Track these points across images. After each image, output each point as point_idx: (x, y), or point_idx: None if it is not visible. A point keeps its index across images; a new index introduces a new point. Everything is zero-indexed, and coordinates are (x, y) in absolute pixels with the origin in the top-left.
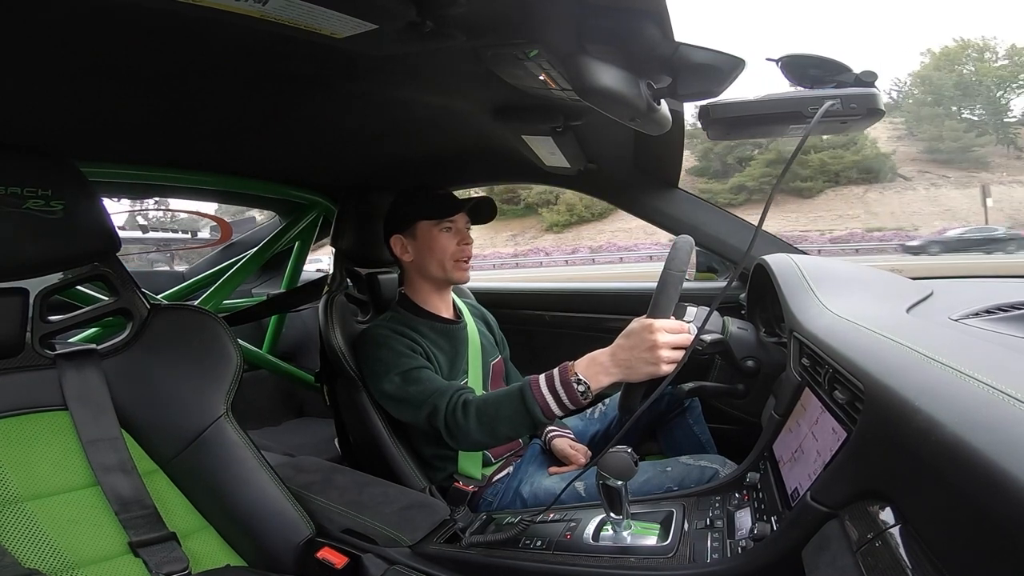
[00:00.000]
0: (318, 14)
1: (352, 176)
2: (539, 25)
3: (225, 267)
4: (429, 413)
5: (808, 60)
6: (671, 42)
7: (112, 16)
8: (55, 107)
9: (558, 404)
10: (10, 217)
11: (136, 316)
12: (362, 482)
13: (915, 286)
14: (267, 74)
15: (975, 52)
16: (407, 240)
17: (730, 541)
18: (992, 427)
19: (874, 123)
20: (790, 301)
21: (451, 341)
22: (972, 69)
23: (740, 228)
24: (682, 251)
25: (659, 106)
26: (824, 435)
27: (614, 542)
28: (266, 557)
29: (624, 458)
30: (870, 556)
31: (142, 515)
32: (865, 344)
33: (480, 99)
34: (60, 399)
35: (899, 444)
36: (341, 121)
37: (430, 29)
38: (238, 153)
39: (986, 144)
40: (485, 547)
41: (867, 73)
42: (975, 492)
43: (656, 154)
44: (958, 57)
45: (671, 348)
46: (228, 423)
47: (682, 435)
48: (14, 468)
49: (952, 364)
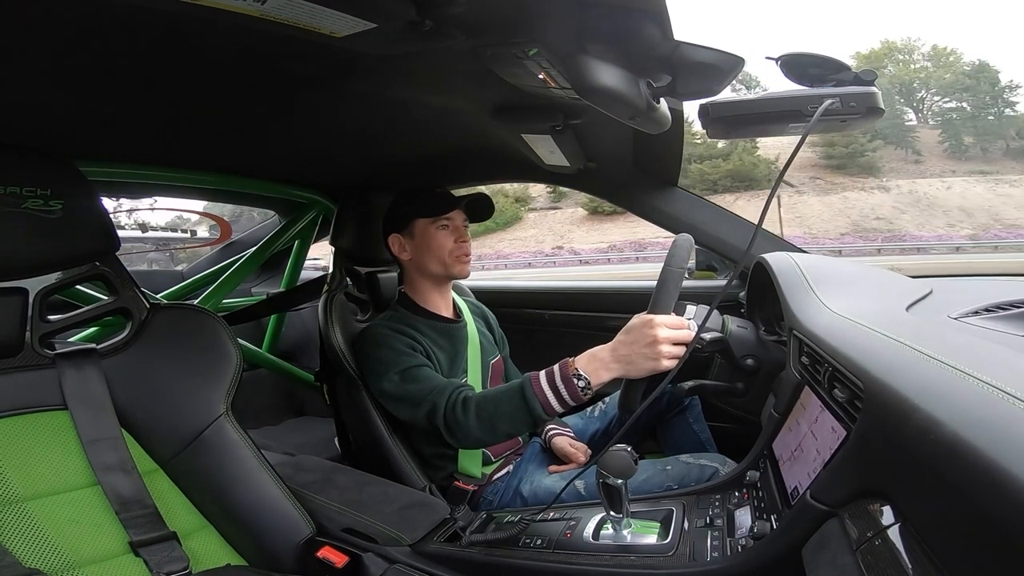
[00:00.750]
0: (317, 13)
1: (352, 175)
2: (538, 24)
3: (224, 266)
4: (428, 411)
5: (807, 59)
6: (670, 41)
7: (111, 16)
8: (55, 107)
9: (558, 400)
10: (9, 217)
11: (135, 315)
12: (362, 481)
13: (914, 285)
14: (266, 74)
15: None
16: (405, 239)
17: (730, 540)
18: (991, 425)
19: (874, 121)
20: (790, 300)
21: (451, 340)
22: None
23: (739, 227)
24: (682, 249)
25: (658, 105)
26: (824, 434)
27: (614, 541)
28: (266, 556)
29: (624, 457)
30: (870, 555)
31: (142, 515)
32: (864, 342)
33: (479, 98)
34: (60, 399)
35: (898, 443)
36: (340, 120)
37: (429, 28)
38: (238, 152)
39: (877, 148)
40: (485, 546)
41: (866, 72)
42: (974, 491)
43: (655, 153)
44: (881, 60)
45: (672, 344)
46: (228, 422)
47: (682, 434)
48: (14, 468)
49: (951, 362)
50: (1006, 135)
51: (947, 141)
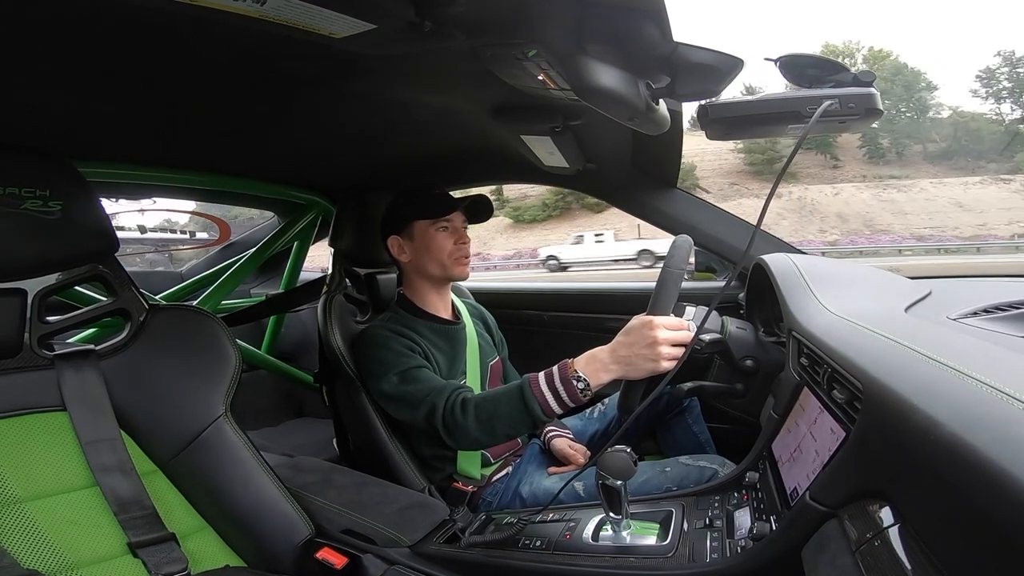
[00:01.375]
0: (316, 14)
1: (351, 176)
2: (538, 25)
3: (224, 267)
4: (427, 412)
5: (806, 60)
6: (670, 42)
7: (111, 16)
8: (54, 107)
9: (558, 401)
10: (8, 217)
11: (134, 316)
12: (361, 482)
13: (913, 285)
14: (266, 74)
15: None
16: (404, 241)
17: (729, 541)
18: (991, 426)
19: (872, 123)
20: (789, 301)
21: (450, 342)
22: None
23: (738, 228)
24: (681, 250)
25: (658, 106)
26: (823, 435)
27: (613, 542)
28: (265, 557)
29: (623, 458)
30: (869, 555)
31: (141, 516)
32: (863, 343)
33: (479, 99)
34: (59, 400)
35: (898, 443)
36: (340, 121)
37: (429, 29)
38: (237, 153)
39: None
40: (484, 547)
41: (865, 73)
42: (973, 491)
43: (654, 154)
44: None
45: (671, 345)
46: (227, 423)
47: (681, 435)
48: (13, 469)
49: (950, 363)
50: (924, 138)
51: (866, 146)
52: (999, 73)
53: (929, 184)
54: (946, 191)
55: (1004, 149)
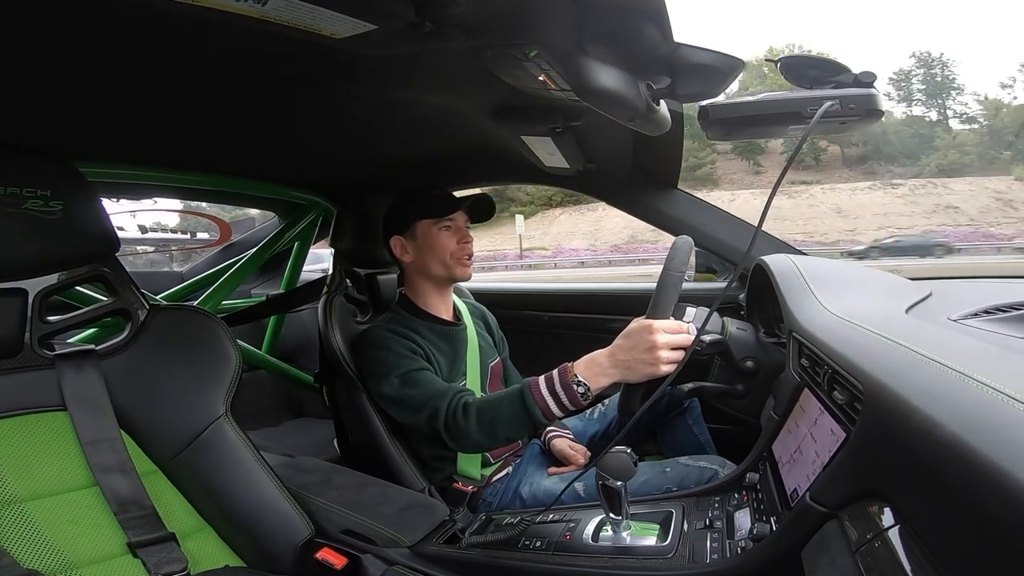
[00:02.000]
0: (317, 15)
1: (351, 176)
2: (538, 25)
3: (224, 267)
4: (429, 416)
5: (807, 61)
6: (670, 43)
7: (111, 16)
8: (54, 107)
9: (558, 405)
10: (9, 217)
11: (135, 316)
12: (361, 482)
13: (914, 286)
14: (267, 75)
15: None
16: (407, 241)
17: (729, 541)
18: (991, 427)
19: (873, 123)
20: (789, 302)
21: (451, 343)
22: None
23: (739, 229)
24: (681, 251)
25: (658, 107)
26: (823, 436)
27: (614, 543)
28: (265, 558)
29: (624, 459)
30: (869, 556)
31: (141, 515)
32: (864, 344)
33: (479, 99)
34: (59, 399)
35: (898, 444)
36: (341, 121)
37: (429, 29)
38: (238, 153)
39: (714, 161)
40: (484, 547)
41: (866, 74)
42: (974, 492)
43: (655, 154)
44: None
45: (670, 348)
46: (227, 424)
47: (681, 436)
48: (13, 469)
49: (951, 364)
50: (841, 142)
51: (788, 151)
52: (913, 75)
53: (820, 190)
54: (832, 197)
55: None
